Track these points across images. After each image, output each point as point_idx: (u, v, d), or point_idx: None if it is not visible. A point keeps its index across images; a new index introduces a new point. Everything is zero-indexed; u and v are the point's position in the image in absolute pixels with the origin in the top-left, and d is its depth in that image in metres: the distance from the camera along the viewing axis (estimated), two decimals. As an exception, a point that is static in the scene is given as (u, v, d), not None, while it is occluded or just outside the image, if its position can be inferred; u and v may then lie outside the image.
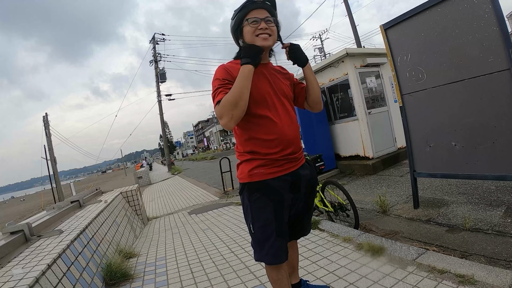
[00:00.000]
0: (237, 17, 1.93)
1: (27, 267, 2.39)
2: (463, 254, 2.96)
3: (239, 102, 1.72)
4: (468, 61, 3.54)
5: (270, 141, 1.89)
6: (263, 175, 1.91)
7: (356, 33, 18.78)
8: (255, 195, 1.93)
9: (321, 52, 40.48)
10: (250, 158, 1.94)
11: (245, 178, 1.95)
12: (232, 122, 1.75)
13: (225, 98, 1.74)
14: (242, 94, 1.73)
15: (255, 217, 1.95)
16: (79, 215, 4.40)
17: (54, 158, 22.78)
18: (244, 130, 1.94)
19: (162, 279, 3.41)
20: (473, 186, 4.80)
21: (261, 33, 1.88)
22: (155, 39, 30.10)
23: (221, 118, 1.75)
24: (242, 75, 1.77)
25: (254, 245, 2.03)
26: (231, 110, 1.72)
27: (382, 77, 8.42)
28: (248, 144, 1.94)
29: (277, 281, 2.04)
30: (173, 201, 10.30)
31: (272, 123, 1.90)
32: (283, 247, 1.97)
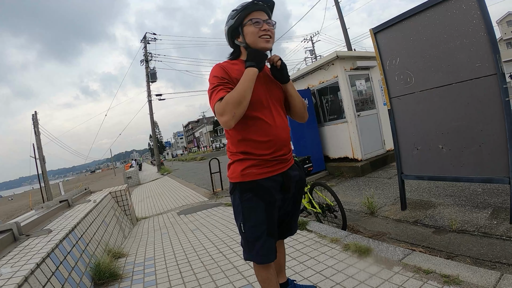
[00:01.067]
0: (238, 17, 1.95)
1: (16, 266, 2.38)
2: (449, 255, 3.01)
3: (243, 102, 1.76)
4: (456, 66, 3.61)
5: (263, 143, 1.92)
6: (255, 175, 1.93)
7: (347, 36, 18.91)
8: (246, 195, 1.95)
9: (312, 54, 40.63)
10: (243, 158, 1.95)
11: (237, 177, 1.96)
12: (233, 120, 1.77)
13: (230, 96, 1.76)
14: (246, 95, 1.77)
15: (246, 216, 1.97)
16: (68, 215, 4.37)
17: (43, 157, 22.53)
18: (238, 131, 1.95)
19: (150, 279, 3.40)
20: (460, 188, 4.86)
21: (263, 34, 1.92)
22: (146, 38, 29.95)
23: (222, 116, 1.76)
24: (247, 77, 1.81)
25: (244, 244, 2.04)
26: (234, 108, 1.74)
27: (372, 80, 8.50)
28: (241, 144, 1.96)
29: (265, 280, 2.06)
30: (162, 202, 10.26)
31: (266, 125, 1.93)
32: (273, 247, 2.00)
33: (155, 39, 30.33)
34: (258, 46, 1.93)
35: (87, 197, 6.52)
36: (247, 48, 1.98)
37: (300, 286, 2.50)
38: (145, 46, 30.18)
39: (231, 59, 2.11)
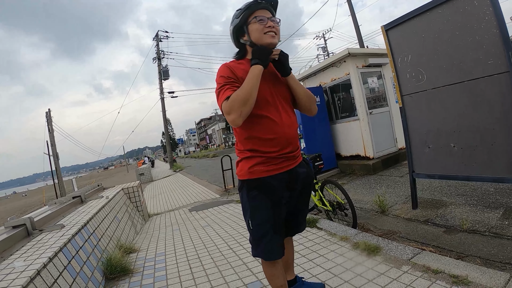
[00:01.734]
0: (243, 16, 1.97)
1: (28, 260, 2.43)
2: (459, 255, 2.98)
3: (249, 99, 1.78)
4: (467, 63, 3.56)
5: (269, 140, 1.93)
6: (261, 173, 1.94)
7: (359, 33, 18.76)
8: (253, 192, 1.97)
9: (324, 51, 40.39)
10: (250, 155, 1.97)
11: (245, 175, 1.98)
12: (240, 118, 1.79)
13: (236, 95, 1.79)
14: (252, 93, 1.79)
15: (253, 213, 1.99)
16: (80, 210, 4.44)
17: (56, 154, 22.81)
18: (245, 129, 1.96)
19: (161, 274, 3.45)
20: (472, 188, 4.81)
21: (269, 31, 1.94)
22: (158, 36, 30.09)
23: (230, 114, 1.79)
24: (252, 74, 1.83)
25: (252, 241, 2.07)
26: (241, 106, 1.77)
27: (384, 77, 8.42)
28: (248, 142, 1.98)
29: (272, 276, 2.09)
30: (174, 198, 10.34)
31: (272, 122, 1.93)
32: (280, 244, 2.02)
33: (167, 37, 30.48)
34: (264, 42, 1.95)
35: (99, 193, 6.61)
36: (252, 45, 2.00)
37: (308, 284, 2.51)
38: (158, 44, 30.34)
39: (237, 58, 2.13)
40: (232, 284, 2.91)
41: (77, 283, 2.69)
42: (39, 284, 2.15)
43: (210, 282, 3.04)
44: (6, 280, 2.06)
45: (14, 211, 24.74)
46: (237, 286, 2.86)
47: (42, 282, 2.21)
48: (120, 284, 3.29)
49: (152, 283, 3.24)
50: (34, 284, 2.11)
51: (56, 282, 2.38)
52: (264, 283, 2.80)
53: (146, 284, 3.25)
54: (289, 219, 2.18)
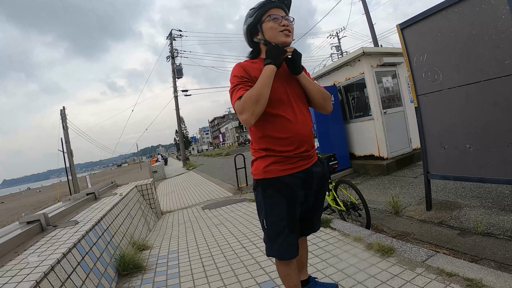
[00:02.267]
0: (256, 14, 1.98)
1: (42, 255, 2.46)
2: (473, 258, 2.95)
3: (261, 99, 1.78)
4: (484, 63, 3.50)
5: (284, 139, 1.93)
6: (277, 172, 1.94)
7: (373, 31, 18.58)
8: (269, 191, 1.97)
9: (338, 50, 40.16)
10: (265, 155, 1.97)
11: (260, 174, 1.99)
12: (253, 118, 1.80)
13: (248, 94, 1.80)
14: (264, 92, 1.80)
15: (268, 212, 1.99)
16: (94, 207, 4.50)
17: (70, 151, 23.12)
18: (259, 128, 1.97)
19: (174, 271, 3.48)
20: (487, 190, 4.74)
21: (283, 29, 1.95)
22: (172, 35, 30.24)
23: (242, 114, 1.80)
24: (265, 74, 1.84)
25: (266, 240, 2.07)
26: (253, 106, 1.78)
27: (399, 76, 8.35)
28: (262, 141, 1.98)
29: (286, 276, 2.09)
30: (187, 196, 10.40)
31: (286, 121, 1.93)
32: (294, 243, 2.01)
33: (180, 36, 30.60)
34: (278, 40, 1.95)
35: (113, 190, 6.69)
36: (266, 44, 2.00)
37: (321, 284, 2.51)
38: (171, 42, 30.49)
39: (251, 58, 2.13)
40: (245, 283, 2.93)
41: (90, 279, 2.72)
42: (52, 280, 2.18)
43: (223, 281, 3.06)
44: (20, 275, 2.09)
45: (28, 207, 25.17)
46: (249, 285, 2.87)
47: (56, 277, 2.23)
48: (133, 281, 3.32)
49: (164, 280, 3.27)
50: (48, 280, 2.13)
51: (70, 277, 2.41)
52: (277, 283, 2.80)
53: (158, 281, 3.28)
54: (304, 218, 2.19)
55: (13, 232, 3.02)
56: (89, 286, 2.65)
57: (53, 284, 2.15)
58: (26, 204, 31.68)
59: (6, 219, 20.51)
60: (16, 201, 43.49)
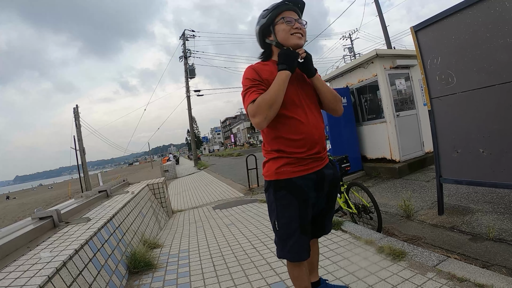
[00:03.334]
0: (270, 16, 1.99)
1: (55, 251, 2.51)
2: (485, 264, 2.91)
3: (274, 104, 1.81)
4: (499, 66, 3.46)
5: (296, 141, 1.94)
6: (289, 173, 1.94)
7: (386, 33, 18.44)
8: (280, 193, 1.97)
9: (351, 52, 39.95)
10: (277, 156, 1.98)
11: (272, 175, 1.99)
12: (265, 122, 1.83)
13: (262, 99, 1.81)
14: (278, 98, 1.82)
15: (280, 214, 1.99)
16: (106, 205, 4.55)
17: (83, 149, 23.38)
18: (272, 129, 1.98)
19: (184, 270, 3.51)
20: (500, 195, 4.68)
21: (296, 32, 1.96)
22: (185, 35, 30.40)
23: (254, 117, 1.82)
24: (279, 80, 1.85)
25: (277, 242, 2.07)
26: (266, 110, 1.80)
27: (412, 79, 8.28)
28: (275, 143, 1.99)
29: (297, 278, 2.09)
30: (198, 196, 10.45)
31: (299, 123, 1.94)
32: (306, 245, 2.02)
33: (193, 36, 30.75)
34: (290, 42, 1.97)
35: (125, 188, 6.76)
36: (278, 46, 2.02)
37: (332, 286, 2.51)
38: (184, 43, 30.65)
39: (262, 59, 2.15)
40: (255, 284, 2.94)
41: (101, 275, 2.76)
42: (64, 275, 2.21)
43: (233, 281, 3.07)
44: (32, 270, 2.13)
45: (40, 203, 25.50)
46: (260, 286, 2.89)
47: (68, 273, 2.27)
48: (144, 278, 3.36)
49: (175, 279, 3.30)
50: (60, 275, 2.16)
51: (81, 274, 2.45)
52: (288, 284, 2.81)
53: (169, 279, 3.31)
54: (316, 220, 2.19)
55: (25, 228, 3.07)
56: (100, 282, 2.69)
57: (65, 280, 2.19)
58: (38, 200, 32.13)
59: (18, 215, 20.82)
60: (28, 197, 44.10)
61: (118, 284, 3.05)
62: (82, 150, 23.38)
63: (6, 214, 24.12)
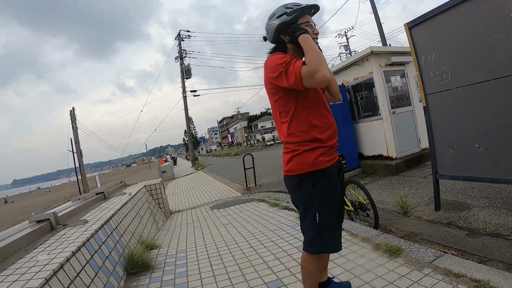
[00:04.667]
0: (295, 16, 2.02)
1: (52, 253, 2.52)
2: (482, 259, 2.91)
3: (321, 55, 1.89)
4: (493, 62, 3.46)
5: (327, 130, 2.07)
6: (325, 163, 2.01)
7: (381, 30, 18.45)
8: (321, 183, 1.99)
9: (347, 49, 39.99)
10: (314, 147, 2.00)
11: (309, 167, 1.98)
12: (328, 72, 1.83)
13: (311, 56, 1.84)
14: (319, 52, 1.91)
15: (323, 205, 2.00)
16: (103, 207, 4.55)
17: (80, 151, 23.31)
18: (305, 119, 2.03)
19: (181, 270, 3.52)
20: (496, 190, 4.69)
21: (315, 37, 2.06)
22: (180, 35, 30.35)
23: (318, 71, 1.79)
24: (306, 41, 1.92)
25: (314, 236, 2.02)
26: (322, 62, 1.83)
27: (407, 76, 8.28)
28: (311, 132, 2.02)
29: (313, 273, 2.11)
30: (196, 196, 10.45)
31: (328, 114, 2.11)
32: (341, 234, 2.17)
33: (189, 36, 30.69)
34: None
35: (122, 190, 6.75)
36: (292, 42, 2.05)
37: (338, 284, 2.53)
38: (179, 43, 30.59)
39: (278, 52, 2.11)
40: (252, 282, 2.94)
41: (99, 277, 2.77)
42: (62, 277, 2.22)
43: (231, 280, 3.08)
44: (29, 273, 2.14)
45: (38, 206, 25.46)
46: (257, 285, 2.89)
47: (65, 275, 2.28)
48: (141, 279, 3.37)
49: (172, 279, 3.31)
50: (57, 277, 2.18)
51: (79, 275, 2.46)
52: (284, 283, 2.82)
53: (166, 280, 3.32)
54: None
55: (23, 231, 3.08)
56: (98, 284, 2.70)
57: (62, 282, 2.20)
58: (36, 204, 32.07)
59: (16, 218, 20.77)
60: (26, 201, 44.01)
61: (116, 285, 3.06)
62: (79, 153, 23.32)
63: (4, 218, 24.08)
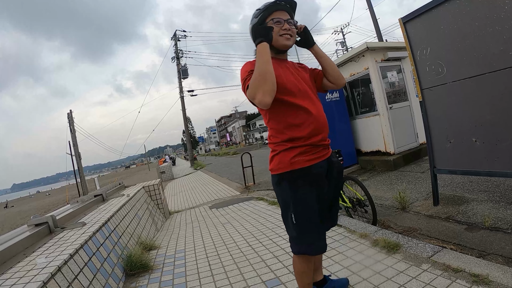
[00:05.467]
0: (261, 17, 2.01)
1: (50, 256, 2.52)
2: (481, 253, 2.90)
3: (266, 75, 1.77)
4: (488, 55, 3.44)
5: (307, 127, 1.94)
6: (304, 162, 1.93)
7: (377, 26, 18.43)
8: (297, 183, 1.93)
9: (343, 46, 39.98)
10: (290, 146, 1.94)
11: (286, 167, 1.94)
12: (267, 96, 1.77)
13: (253, 76, 1.80)
14: (267, 68, 1.78)
15: (298, 206, 1.94)
16: (102, 208, 4.54)
17: (78, 154, 23.28)
18: (281, 119, 1.97)
19: (180, 271, 3.51)
20: (495, 184, 4.68)
21: (284, 33, 1.99)
22: (176, 36, 30.30)
23: (255, 97, 1.79)
24: (260, 52, 1.85)
25: (295, 237, 2.00)
26: (261, 85, 1.76)
27: (404, 71, 8.27)
28: (287, 132, 1.96)
29: (304, 273, 2.07)
30: (195, 196, 10.44)
31: (309, 110, 1.96)
32: (324, 236, 2.06)
33: (185, 36, 30.64)
34: (279, 43, 2.01)
35: (121, 191, 6.74)
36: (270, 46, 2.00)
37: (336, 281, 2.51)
38: (176, 43, 30.54)
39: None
40: (251, 281, 2.93)
41: (97, 279, 2.76)
42: (59, 280, 2.22)
43: (229, 279, 3.07)
44: (27, 276, 2.14)
45: (38, 210, 25.44)
46: (255, 283, 2.88)
47: (63, 278, 2.27)
48: (140, 280, 3.35)
49: (171, 280, 3.30)
50: (55, 280, 2.17)
51: (77, 278, 2.45)
52: (283, 281, 2.81)
53: (165, 280, 3.31)
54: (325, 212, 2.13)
55: (21, 235, 3.09)
56: (97, 286, 2.70)
57: (60, 284, 2.20)
58: (35, 207, 32.03)
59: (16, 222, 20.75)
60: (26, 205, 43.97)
61: (115, 286, 3.05)
62: (78, 155, 23.29)
63: (4, 222, 24.05)
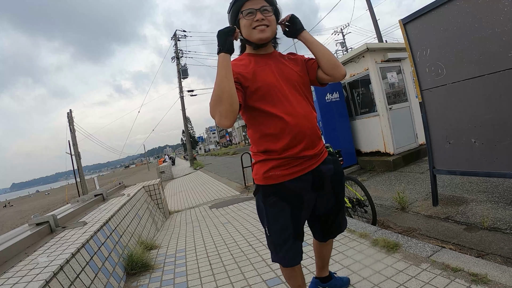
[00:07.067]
0: (233, 10, 1.80)
1: (52, 255, 2.52)
2: (480, 253, 2.93)
3: (222, 95, 1.54)
4: (487, 56, 3.47)
5: (285, 138, 1.73)
6: (279, 177, 1.77)
7: (377, 27, 18.44)
8: (270, 199, 1.81)
9: (343, 46, 40.01)
10: (265, 158, 1.80)
11: (260, 180, 1.83)
12: (223, 119, 1.55)
13: (211, 95, 1.59)
14: (224, 87, 1.55)
15: (271, 221, 1.84)
16: (102, 208, 4.55)
17: (78, 153, 23.27)
18: (256, 128, 1.81)
19: (181, 270, 3.52)
20: (494, 184, 4.71)
21: (257, 25, 1.75)
22: (176, 35, 30.27)
23: (214, 118, 1.58)
24: (218, 65, 1.60)
25: (270, 247, 1.97)
26: (217, 106, 1.55)
27: (404, 72, 8.30)
28: (262, 142, 1.80)
29: (291, 277, 2.06)
30: (195, 196, 10.43)
31: (286, 118, 1.72)
32: (299, 250, 1.92)
33: (185, 36, 30.61)
34: (254, 38, 1.80)
35: (121, 191, 6.74)
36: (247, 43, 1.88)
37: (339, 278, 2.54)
38: (176, 43, 30.50)
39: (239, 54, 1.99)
40: (251, 280, 2.95)
41: (99, 278, 2.78)
42: (62, 279, 2.23)
43: (230, 278, 3.08)
44: (30, 275, 2.15)
45: (38, 209, 25.42)
46: (256, 282, 2.90)
47: (65, 277, 2.28)
48: (141, 280, 3.37)
49: (172, 279, 3.31)
50: (57, 279, 2.18)
51: (79, 277, 2.47)
52: (283, 280, 2.82)
53: (166, 279, 3.32)
54: (327, 220, 2.07)
55: (22, 234, 3.09)
56: (98, 285, 2.70)
57: (62, 283, 2.21)
58: (35, 207, 32.02)
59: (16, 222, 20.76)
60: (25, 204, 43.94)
61: (116, 286, 3.06)
62: (77, 155, 23.28)
63: (4, 222, 24.04)
